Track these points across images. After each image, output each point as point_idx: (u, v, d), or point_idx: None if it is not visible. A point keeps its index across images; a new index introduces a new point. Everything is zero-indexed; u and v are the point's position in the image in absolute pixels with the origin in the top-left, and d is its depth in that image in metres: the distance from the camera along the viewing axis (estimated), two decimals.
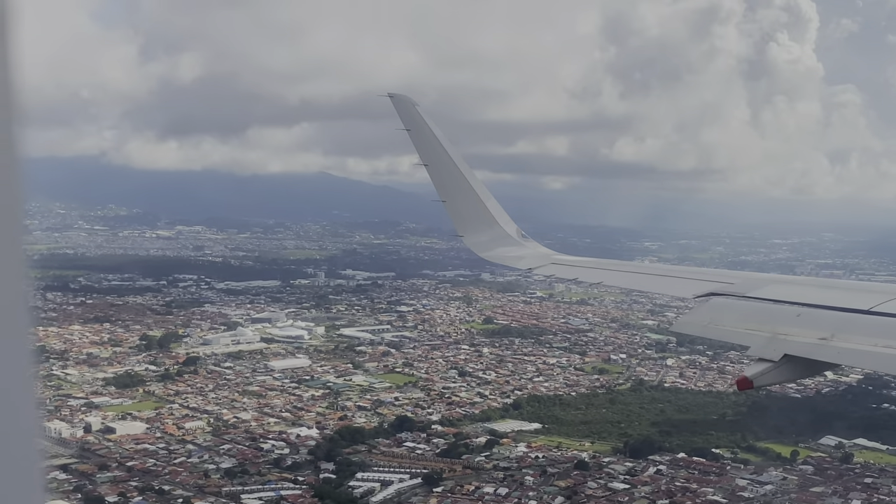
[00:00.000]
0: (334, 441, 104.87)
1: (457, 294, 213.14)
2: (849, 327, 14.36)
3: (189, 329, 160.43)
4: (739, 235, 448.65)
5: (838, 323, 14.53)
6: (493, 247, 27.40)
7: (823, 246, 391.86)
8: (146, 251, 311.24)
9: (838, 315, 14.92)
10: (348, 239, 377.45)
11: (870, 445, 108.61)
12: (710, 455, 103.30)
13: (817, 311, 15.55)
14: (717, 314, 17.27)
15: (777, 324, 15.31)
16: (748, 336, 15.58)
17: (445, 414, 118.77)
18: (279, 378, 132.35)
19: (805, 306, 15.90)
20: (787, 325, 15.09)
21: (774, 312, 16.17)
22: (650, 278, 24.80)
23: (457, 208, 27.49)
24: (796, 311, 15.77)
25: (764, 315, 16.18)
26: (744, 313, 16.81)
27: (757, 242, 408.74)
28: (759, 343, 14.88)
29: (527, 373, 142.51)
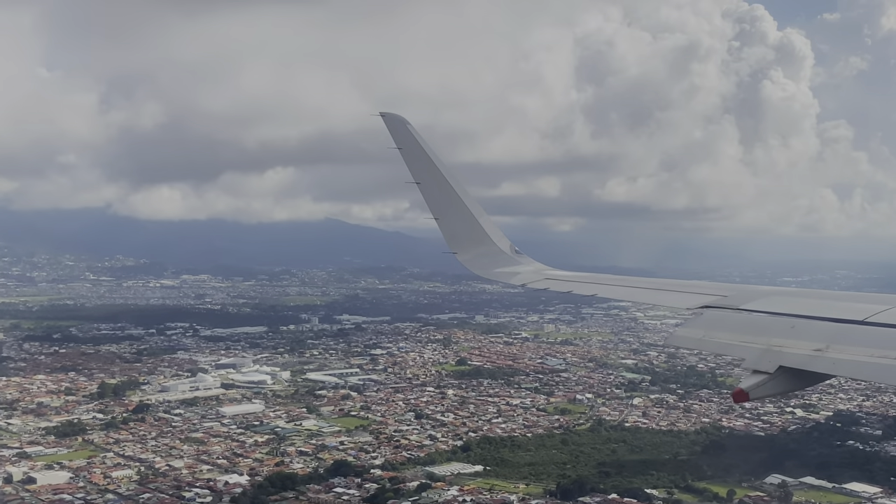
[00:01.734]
0: (262, 488, 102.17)
1: (438, 336, 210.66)
2: (843, 338, 14.40)
3: (152, 376, 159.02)
4: (751, 274, 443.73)
5: (832, 334, 14.60)
6: (487, 263, 27.05)
7: (834, 283, 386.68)
8: (146, 300, 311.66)
9: (832, 326, 15.00)
10: (353, 284, 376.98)
11: (816, 484, 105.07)
12: (643, 496, 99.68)
13: (811, 322, 15.57)
14: (712, 327, 17.16)
15: (771, 336, 15.24)
16: (743, 348, 15.44)
17: (389, 458, 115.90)
18: (227, 424, 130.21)
19: (799, 318, 15.87)
20: (782, 337, 15.03)
21: (769, 324, 16.13)
22: (644, 291, 24.00)
23: (450, 225, 27.07)
24: (790, 322, 15.73)
25: (758, 327, 16.15)
26: (738, 325, 16.71)
27: (768, 281, 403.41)
28: (754, 355, 14.79)
29: (486, 414, 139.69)
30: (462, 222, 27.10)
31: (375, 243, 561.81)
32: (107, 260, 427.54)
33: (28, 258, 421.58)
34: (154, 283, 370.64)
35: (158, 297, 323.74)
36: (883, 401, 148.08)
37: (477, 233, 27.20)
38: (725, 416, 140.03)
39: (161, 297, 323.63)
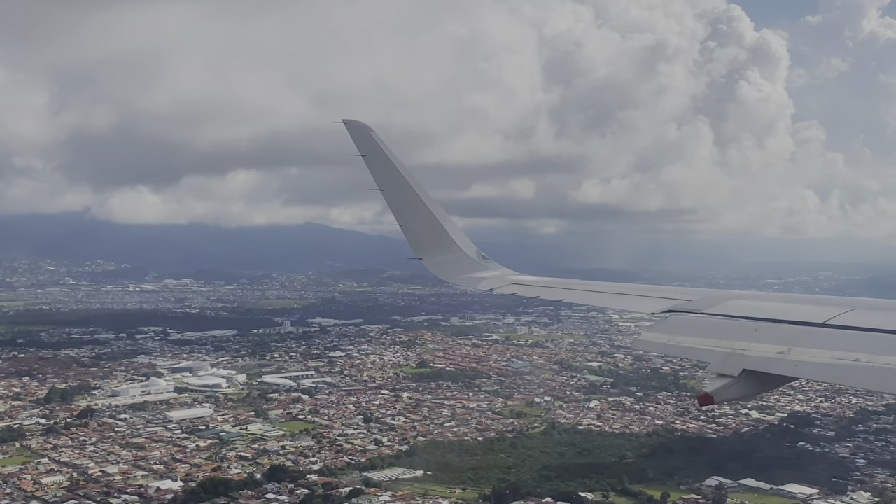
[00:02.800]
0: (195, 494, 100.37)
1: (404, 338, 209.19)
2: (805, 341, 14.55)
3: (106, 381, 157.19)
4: (736, 276, 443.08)
5: (795, 336, 14.74)
6: (453, 269, 27.23)
7: (817, 284, 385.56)
8: (123, 305, 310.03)
9: (794, 329, 15.17)
10: (331, 288, 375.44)
11: (756, 486, 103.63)
12: (577, 500, 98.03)
13: (774, 325, 15.63)
14: (677, 331, 17.22)
15: (735, 339, 15.33)
16: (707, 352, 15.54)
17: (329, 462, 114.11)
18: (172, 429, 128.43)
19: (762, 321, 15.95)
20: (745, 340, 15.12)
21: (732, 328, 16.19)
22: (610, 296, 23.99)
23: (414, 232, 27.04)
24: (754, 325, 15.82)
25: (722, 331, 16.20)
26: (702, 329, 16.82)
27: (751, 283, 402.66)
28: (718, 359, 14.88)
29: (440, 417, 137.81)
30: (427, 228, 27.12)
31: (358, 247, 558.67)
32: (88, 265, 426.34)
33: (9, 263, 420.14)
34: (134, 287, 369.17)
35: (136, 302, 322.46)
36: (841, 402, 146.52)
37: (442, 238, 27.28)
38: (680, 419, 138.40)
39: (139, 302, 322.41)
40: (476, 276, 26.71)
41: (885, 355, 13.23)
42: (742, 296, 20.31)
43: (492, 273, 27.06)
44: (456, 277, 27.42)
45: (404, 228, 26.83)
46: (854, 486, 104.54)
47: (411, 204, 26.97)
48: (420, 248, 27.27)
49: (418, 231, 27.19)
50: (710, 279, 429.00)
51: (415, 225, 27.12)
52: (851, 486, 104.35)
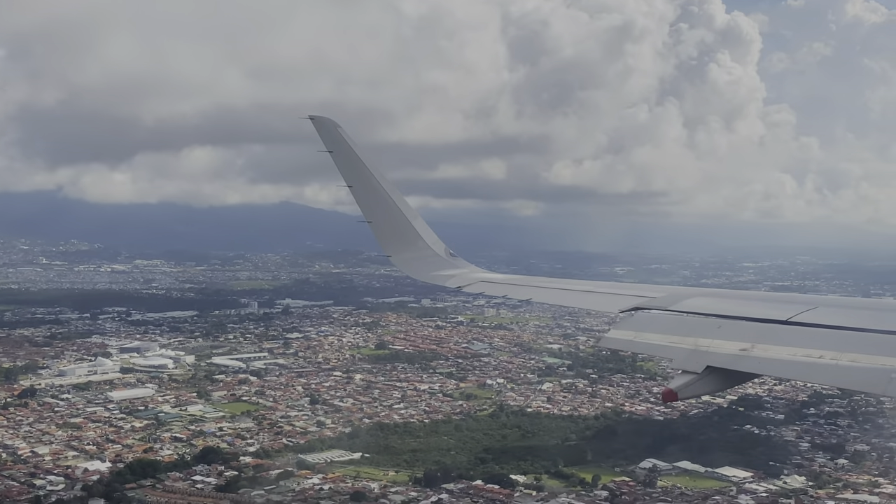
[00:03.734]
0: (121, 475, 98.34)
1: (367, 320, 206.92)
2: (768, 338, 14.59)
3: (55, 361, 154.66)
4: (712, 259, 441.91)
5: (758, 333, 14.79)
6: (421, 266, 27.24)
7: (793, 269, 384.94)
8: (93, 285, 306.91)
9: (758, 326, 15.18)
10: (306, 269, 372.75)
11: (691, 468, 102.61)
12: (507, 482, 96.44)
13: (738, 322, 15.73)
14: (642, 328, 17.41)
15: (699, 336, 15.40)
16: (671, 349, 15.64)
17: (266, 444, 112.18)
18: (111, 409, 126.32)
19: (726, 318, 16.04)
20: (709, 337, 15.17)
21: (696, 325, 16.28)
22: (577, 294, 23.95)
23: (383, 229, 27.13)
24: (717, 322, 15.90)
25: (686, 327, 16.31)
26: (667, 326, 16.95)
27: (726, 266, 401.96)
28: (682, 355, 15.03)
29: (389, 399, 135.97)
30: (395, 225, 27.10)
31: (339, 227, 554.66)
32: (61, 244, 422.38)
33: None
34: (106, 267, 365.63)
35: (106, 282, 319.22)
36: (795, 386, 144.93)
37: (410, 235, 27.33)
38: (630, 401, 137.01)
39: (109, 282, 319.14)
40: (444, 274, 26.62)
41: (847, 352, 13.38)
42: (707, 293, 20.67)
43: (460, 271, 26.97)
44: (424, 275, 27.30)
45: (372, 225, 26.74)
46: (791, 469, 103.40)
47: (379, 200, 26.78)
48: (388, 244, 27.31)
49: (386, 228, 27.20)
50: (687, 262, 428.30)
51: (383, 222, 27.05)
52: (788, 469, 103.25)
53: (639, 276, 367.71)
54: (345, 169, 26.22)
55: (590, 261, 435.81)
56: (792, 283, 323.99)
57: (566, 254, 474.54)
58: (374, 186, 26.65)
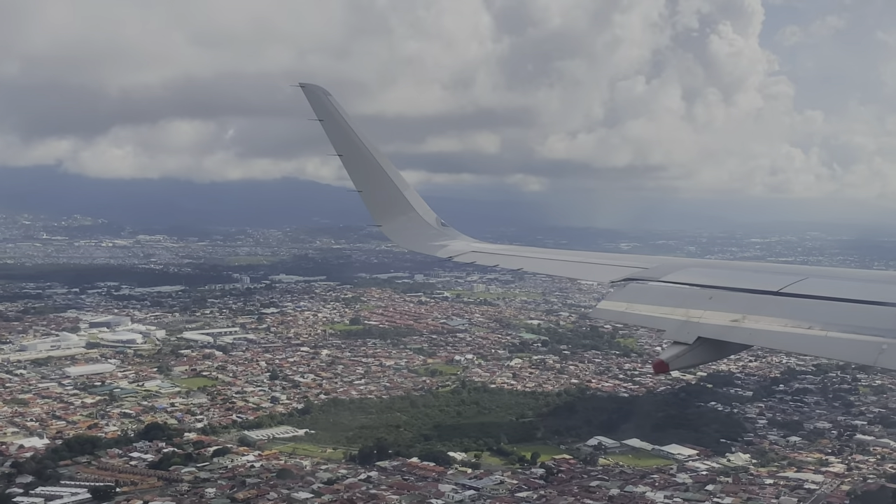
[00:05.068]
0: (57, 452, 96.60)
1: (349, 295, 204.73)
2: (759, 308, 14.61)
3: (21, 335, 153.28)
4: (721, 235, 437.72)
5: (749, 305, 14.78)
6: (413, 236, 26.92)
7: (801, 245, 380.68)
8: (90, 260, 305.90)
9: (749, 297, 15.22)
10: (307, 245, 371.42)
11: (639, 446, 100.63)
12: (443, 460, 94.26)
13: (729, 293, 15.71)
14: (634, 299, 17.19)
15: (690, 307, 15.37)
16: (663, 320, 15.63)
17: (215, 420, 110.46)
18: (65, 385, 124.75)
19: (717, 289, 15.94)
20: (701, 308, 15.18)
21: (688, 296, 16.15)
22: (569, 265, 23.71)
23: (374, 198, 26.58)
24: (709, 294, 15.83)
25: (678, 298, 16.15)
26: (659, 297, 16.79)
27: (734, 242, 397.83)
28: (674, 326, 14.94)
29: (352, 375, 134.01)
30: (386, 195, 26.65)
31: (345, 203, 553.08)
32: (64, 219, 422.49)
33: None
34: (107, 242, 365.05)
35: (105, 257, 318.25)
36: (770, 362, 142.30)
37: (401, 205, 26.83)
38: (598, 377, 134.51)
39: (108, 257, 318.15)
40: (436, 244, 26.38)
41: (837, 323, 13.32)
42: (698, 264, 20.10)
43: (452, 241, 26.78)
44: (415, 245, 27.05)
45: (363, 195, 26.19)
46: (739, 446, 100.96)
47: (370, 170, 26.28)
48: (379, 214, 26.68)
49: (377, 197, 26.66)
50: (694, 237, 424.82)
51: (373, 191, 26.51)
52: (736, 446, 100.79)
53: (644, 251, 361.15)
54: (335, 137, 25.65)
55: (596, 236, 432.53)
56: (796, 259, 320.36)
57: (574, 230, 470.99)
58: (365, 155, 26.14)
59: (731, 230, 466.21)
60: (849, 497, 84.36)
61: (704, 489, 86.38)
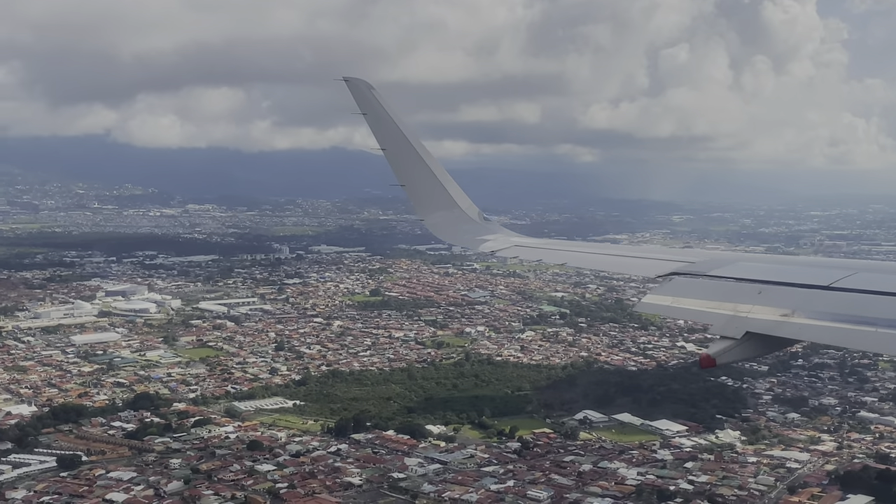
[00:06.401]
0: (41, 420, 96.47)
1: (376, 266, 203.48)
2: (809, 303, 14.63)
3: (38, 303, 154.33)
4: (779, 208, 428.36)
5: (799, 299, 14.82)
6: (455, 230, 27.19)
7: (860, 218, 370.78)
8: (135, 229, 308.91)
9: (799, 291, 15.23)
10: (354, 216, 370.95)
11: (628, 421, 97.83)
12: (420, 432, 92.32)
13: (778, 287, 15.63)
14: (680, 294, 17.17)
15: (738, 302, 15.32)
16: (710, 315, 15.56)
17: (209, 391, 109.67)
18: (68, 353, 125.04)
19: (766, 283, 15.89)
20: (749, 303, 15.12)
21: (736, 290, 16.15)
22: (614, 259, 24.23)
23: (417, 192, 26.93)
24: (757, 288, 15.77)
25: (725, 293, 16.17)
26: (705, 292, 16.78)
27: (792, 215, 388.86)
28: (721, 321, 14.92)
29: (358, 347, 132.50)
30: (429, 189, 26.75)
31: None
32: (116, 188, 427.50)
33: (40, 185, 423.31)
34: (155, 212, 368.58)
35: (150, 226, 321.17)
36: None
37: (444, 200, 26.90)
38: (609, 351, 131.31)
39: (153, 226, 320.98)
40: (477, 239, 26.48)
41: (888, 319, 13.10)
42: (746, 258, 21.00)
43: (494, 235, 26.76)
44: (457, 239, 27.59)
45: (407, 188, 26.45)
46: (734, 423, 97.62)
47: (413, 164, 26.39)
48: (422, 208, 27.05)
49: (420, 191, 26.87)
50: (751, 210, 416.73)
51: (416, 185, 26.73)
52: (730, 423, 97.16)
53: (696, 224, 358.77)
54: (379, 131, 25.62)
55: (649, 209, 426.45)
56: (851, 232, 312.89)
57: (627, 202, 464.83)
58: (408, 150, 26.13)
59: (790, 203, 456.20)
60: (829, 476, 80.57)
61: (683, 466, 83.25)
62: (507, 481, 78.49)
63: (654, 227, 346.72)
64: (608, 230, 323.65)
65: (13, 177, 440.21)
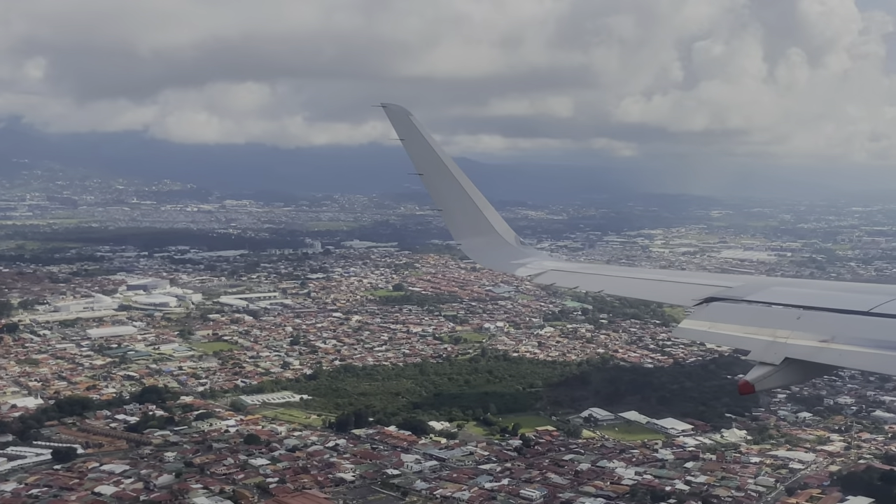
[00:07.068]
0: (46, 412, 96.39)
1: (403, 261, 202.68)
2: (849, 329, 14.34)
3: (60, 296, 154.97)
4: (821, 203, 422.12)
5: (838, 325, 14.54)
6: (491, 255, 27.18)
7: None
8: (171, 224, 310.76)
9: (838, 317, 14.99)
10: (391, 210, 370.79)
11: (634, 419, 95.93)
12: (421, 429, 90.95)
13: (817, 313, 15.41)
14: (717, 319, 17.01)
15: (777, 327, 15.13)
16: (748, 340, 15.35)
17: (218, 385, 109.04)
18: (82, 346, 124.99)
19: (804, 309, 15.69)
20: (787, 329, 14.92)
21: (774, 316, 16.00)
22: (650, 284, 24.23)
23: (453, 216, 26.90)
24: (796, 313, 15.60)
25: (763, 318, 16.00)
26: (743, 317, 16.61)
27: (833, 210, 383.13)
28: (760, 347, 14.74)
29: (376, 342, 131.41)
30: (466, 214, 26.70)
31: None
32: (155, 184, 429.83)
33: (80, 181, 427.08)
34: (192, 207, 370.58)
35: (186, 221, 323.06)
36: None
37: (481, 224, 26.87)
38: (627, 348, 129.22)
39: (190, 222, 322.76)
40: (514, 262, 26.32)
41: None
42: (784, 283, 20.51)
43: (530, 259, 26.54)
44: (494, 263, 27.83)
45: (444, 213, 26.55)
46: (742, 422, 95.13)
47: (450, 189, 26.42)
48: (458, 232, 26.93)
49: (457, 216, 26.75)
50: (792, 206, 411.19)
51: (453, 209, 26.64)
52: (738, 422, 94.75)
53: (734, 219, 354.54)
54: (416, 156, 25.61)
55: (689, 204, 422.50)
56: (891, 228, 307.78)
57: (668, 196, 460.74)
58: (445, 175, 26.12)
59: (833, 199, 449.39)
60: (832, 477, 78.14)
61: (683, 466, 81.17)
62: (502, 479, 76.86)
63: (691, 221, 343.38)
64: (643, 225, 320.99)
65: (54, 172, 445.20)
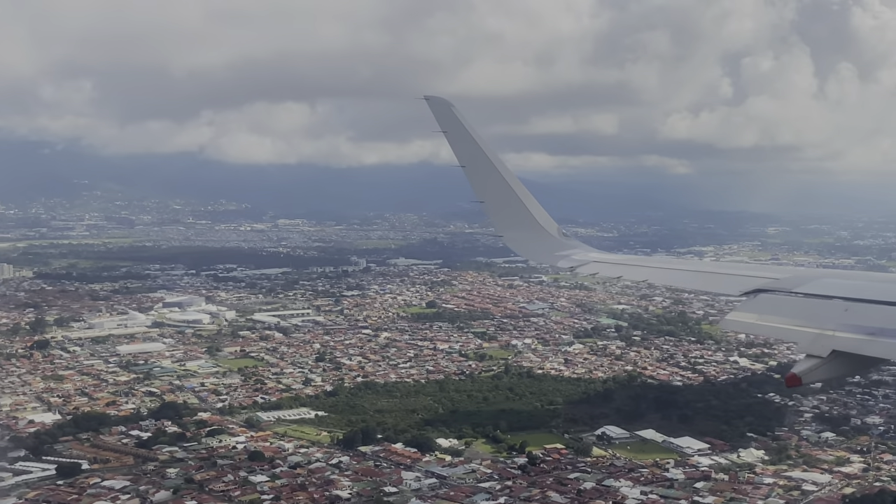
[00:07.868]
0: (62, 427, 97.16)
1: (440, 278, 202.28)
2: None
3: (97, 314, 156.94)
4: (880, 219, 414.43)
5: (886, 317, 14.44)
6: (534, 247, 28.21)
7: None
8: (223, 243, 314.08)
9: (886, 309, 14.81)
10: (440, 229, 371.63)
11: (650, 438, 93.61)
12: (427, 446, 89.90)
13: (865, 305, 15.36)
14: (764, 311, 16.98)
15: (824, 319, 15.11)
16: (795, 332, 15.51)
17: (238, 401, 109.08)
18: (110, 363, 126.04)
19: (852, 301, 15.60)
20: (835, 321, 14.84)
21: (822, 308, 16.00)
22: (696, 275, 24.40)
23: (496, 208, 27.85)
24: (843, 306, 15.54)
25: (811, 311, 16.12)
26: (791, 309, 16.74)
27: (892, 227, 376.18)
28: (807, 339, 14.78)
29: (401, 358, 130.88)
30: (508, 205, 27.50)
31: None
32: (210, 204, 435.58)
33: (138, 201, 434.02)
34: (246, 226, 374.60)
35: (238, 241, 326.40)
36: None
37: (524, 216, 27.67)
38: (656, 365, 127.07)
39: (241, 241, 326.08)
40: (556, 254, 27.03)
41: None
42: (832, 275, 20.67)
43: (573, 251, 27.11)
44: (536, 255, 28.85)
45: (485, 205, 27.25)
46: (762, 442, 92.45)
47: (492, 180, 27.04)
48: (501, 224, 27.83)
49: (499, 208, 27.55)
50: (850, 222, 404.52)
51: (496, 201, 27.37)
52: (757, 442, 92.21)
53: (790, 236, 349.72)
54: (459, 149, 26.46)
55: (747, 221, 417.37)
56: None
57: (724, 213, 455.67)
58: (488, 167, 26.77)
59: (891, 215, 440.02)
60: (844, 500, 75.64)
61: (693, 486, 79.08)
62: (500, 498, 75.55)
63: (745, 238, 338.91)
64: (696, 242, 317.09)
65: (113, 193, 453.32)
